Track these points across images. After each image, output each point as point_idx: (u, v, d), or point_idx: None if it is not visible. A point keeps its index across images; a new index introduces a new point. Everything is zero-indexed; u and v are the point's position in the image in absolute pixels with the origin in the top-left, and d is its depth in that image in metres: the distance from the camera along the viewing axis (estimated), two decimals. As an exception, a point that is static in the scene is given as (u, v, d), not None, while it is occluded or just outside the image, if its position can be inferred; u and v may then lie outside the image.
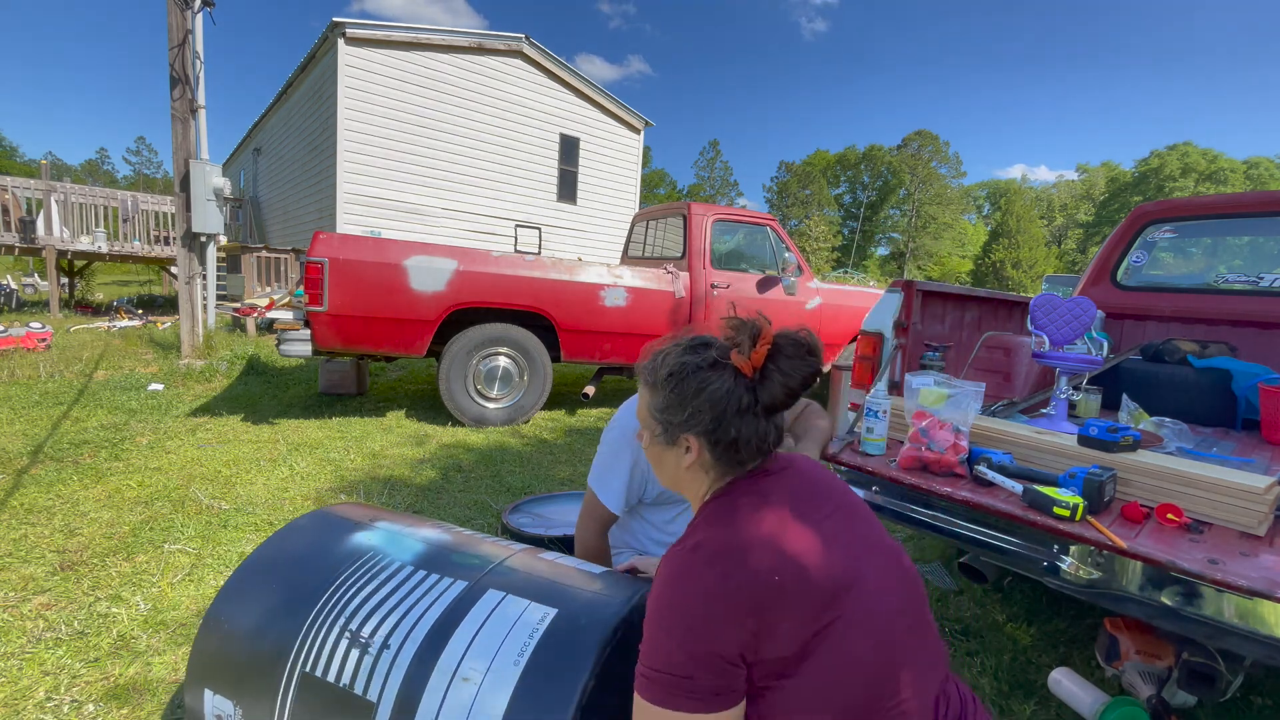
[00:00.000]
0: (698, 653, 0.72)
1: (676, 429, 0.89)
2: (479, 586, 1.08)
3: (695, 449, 0.88)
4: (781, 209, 54.82)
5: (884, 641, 0.79)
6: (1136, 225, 3.10)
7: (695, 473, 0.91)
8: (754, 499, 0.85)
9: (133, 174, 65.84)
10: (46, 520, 2.40)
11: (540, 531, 2.41)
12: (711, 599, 0.74)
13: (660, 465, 0.96)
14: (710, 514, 0.86)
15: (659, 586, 0.78)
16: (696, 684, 0.72)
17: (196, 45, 5.72)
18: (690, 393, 0.86)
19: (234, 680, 1.09)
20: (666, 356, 0.91)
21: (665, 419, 0.90)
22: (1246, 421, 2.33)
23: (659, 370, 0.91)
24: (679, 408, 0.87)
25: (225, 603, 1.16)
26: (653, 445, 0.94)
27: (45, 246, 9.16)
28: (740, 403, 0.85)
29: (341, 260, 3.65)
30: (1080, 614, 2.11)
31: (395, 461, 3.37)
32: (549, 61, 11.38)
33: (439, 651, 0.97)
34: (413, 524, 1.32)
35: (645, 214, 5.68)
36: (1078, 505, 1.30)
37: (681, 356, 0.89)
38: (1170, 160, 46.02)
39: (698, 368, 0.87)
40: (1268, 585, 1.05)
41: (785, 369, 0.85)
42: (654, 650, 0.75)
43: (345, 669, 1.00)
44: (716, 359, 0.88)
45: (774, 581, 0.75)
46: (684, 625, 0.73)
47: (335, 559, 1.18)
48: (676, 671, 0.72)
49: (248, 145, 16.60)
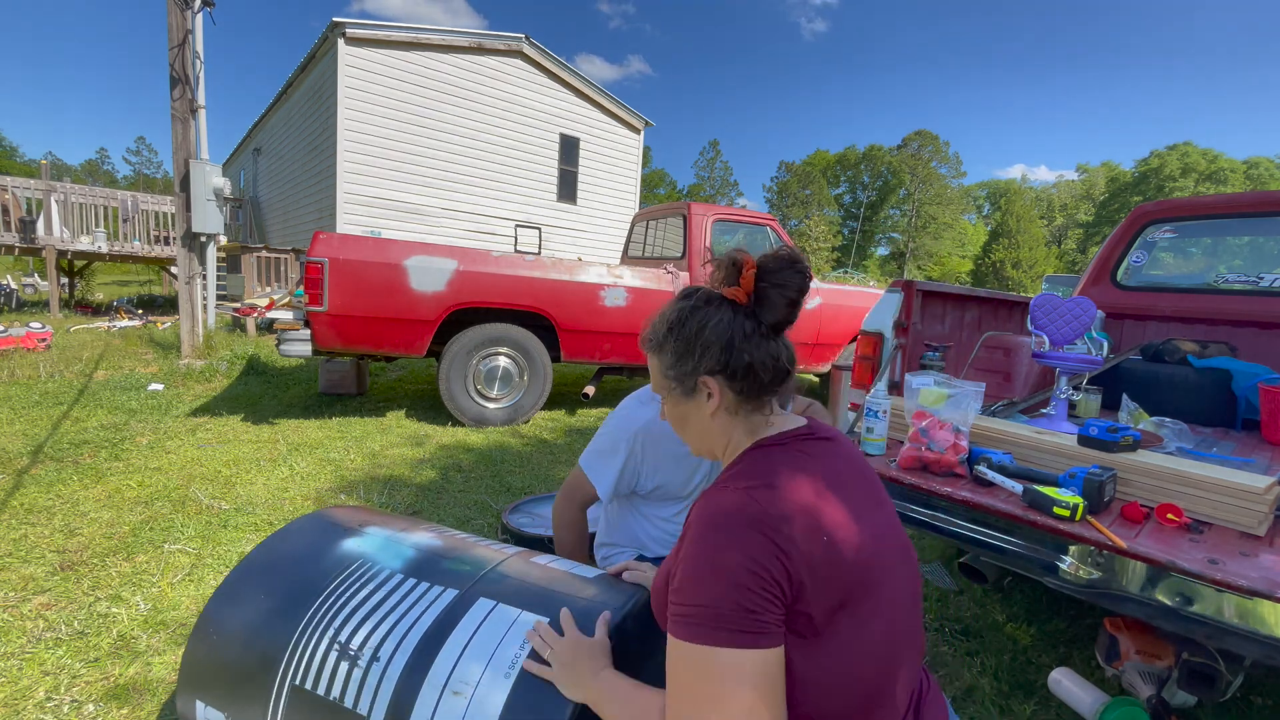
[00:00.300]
0: (752, 588, 0.71)
1: (690, 376, 0.88)
2: (470, 595, 1.06)
3: (715, 390, 0.87)
4: (781, 209, 54.82)
5: (894, 630, 0.81)
6: (1136, 225, 3.10)
7: (721, 419, 0.90)
8: (803, 459, 0.84)
9: (133, 174, 65.87)
10: (46, 520, 2.40)
11: (540, 532, 2.41)
12: (770, 540, 0.72)
13: (685, 426, 0.94)
14: (752, 466, 0.83)
15: (709, 522, 0.76)
16: (748, 619, 0.70)
17: (196, 45, 5.72)
18: (693, 333, 0.87)
19: (225, 691, 1.08)
20: (663, 313, 0.93)
21: (678, 371, 0.89)
22: (1246, 421, 2.33)
23: (659, 328, 0.91)
24: (687, 354, 0.87)
25: (215, 612, 1.15)
26: (675, 408, 0.93)
27: (45, 246, 9.16)
28: (745, 329, 0.85)
29: (341, 260, 3.65)
30: (1080, 614, 2.11)
31: (395, 461, 3.37)
32: (549, 61, 11.38)
33: (429, 663, 0.96)
34: (405, 528, 1.31)
35: (645, 214, 5.68)
36: (1078, 505, 1.30)
37: (676, 305, 0.91)
38: (1170, 160, 46.02)
39: (693, 309, 0.88)
40: (1268, 585, 1.05)
41: (778, 281, 0.85)
42: (700, 588, 0.73)
43: (335, 681, 0.99)
44: (709, 296, 0.89)
45: (822, 541, 0.75)
46: (740, 564, 0.71)
47: (325, 567, 1.16)
48: (726, 608, 0.70)
49: (248, 145, 16.60)
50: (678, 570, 0.77)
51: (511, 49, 10.91)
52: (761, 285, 0.86)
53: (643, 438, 1.56)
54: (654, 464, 1.58)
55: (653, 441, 1.57)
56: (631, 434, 1.55)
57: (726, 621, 0.70)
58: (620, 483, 1.56)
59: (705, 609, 0.71)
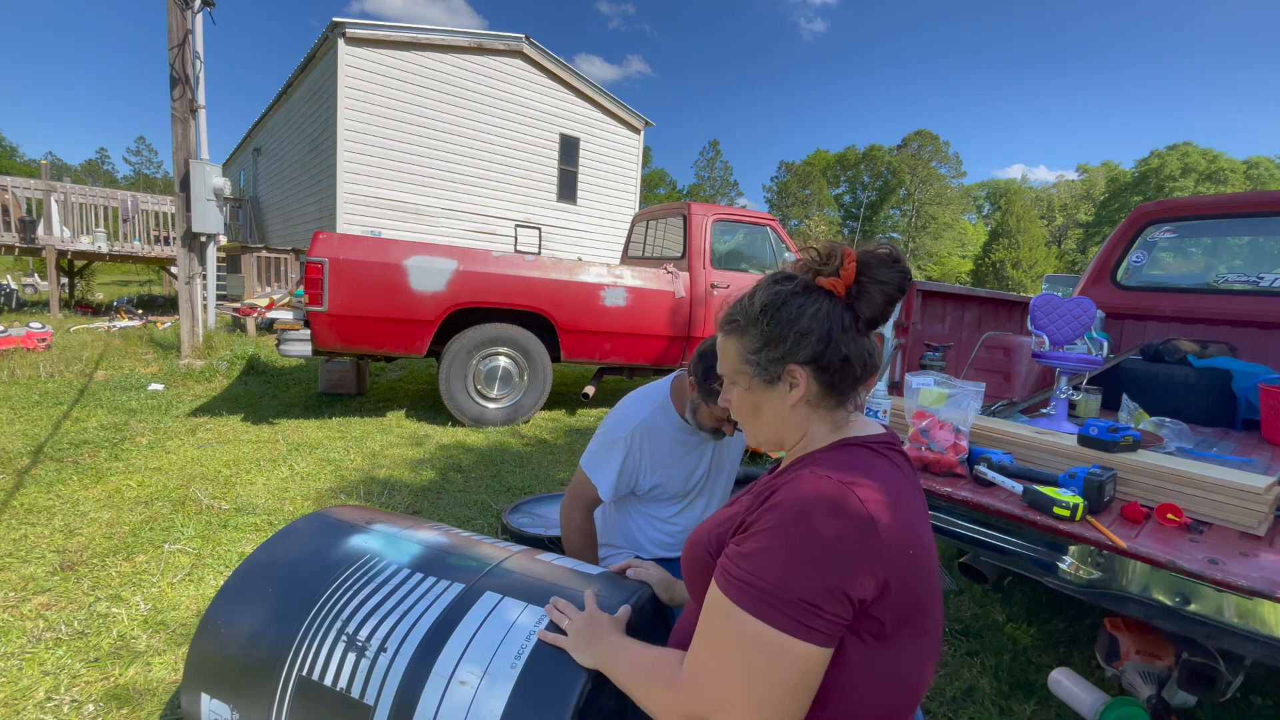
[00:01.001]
0: (832, 586, 0.68)
1: (778, 364, 0.84)
2: (476, 589, 1.08)
3: (802, 380, 0.84)
4: (781, 209, 54.82)
5: (936, 648, 0.82)
6: (1136, 225, 3.10)
7: (801, 410, 0.86)
8: (891, 467, 0.81)
9: (133, 174, 65.87)
10: (46, 520, 2.40)
11: (540, 532, 2.41)
12: (863, 537, 0.70)
13: (757, 415, 0.89)
14: (849, 460, 0.80)
15: (807, 503, 0.73)
16: (814, 614, 0.68)
17: (196, 45, 5.72)
18: (789, 319, 0.82)
19: (231, 684, 1.08)
20: (755, 294, 0.87)
21: (764, 357, 0.85)
22: (1246, 421, 2.33)
23: (751, 308, 0.86)
24: (779, 340, 0.83)
25: (221, 607, 1.16)
26: (750, 393, 0.88)
27: (45, 246, 9.16)
28: (843, 321, 0.82)
29: (341, 260, 3.65)
30: (1080, 614, 2.11)
31: (395, 462, 3.37)
32: (549, 61, 11.38)
33: (436, 654, 0.97)
34: (409, 526, 1.32)
35: (645, 214, 5.68)
36: (1078, 505, 1.30)
37: (772, 288, 0.86)
38: (1170, 160, 46.01)
39: (792, 294, 0.84)
40: (1268, 585, 1.05)
41: (880, 277, 0.82)
42: (778, 566, 0.70)
43: (342, 672, 1.00)
44: (808, 284, 0.85)
45: (909, 553, 0.73)
46: (829, 555, 0.69)
47: (331, 562, 1.17)
48: (797, 594, 0.68)
49: (248, 145, 16.60)
50: (754, 536, 0.74)
51: (511, 49, 10.91)
52: (862, 279, 0.83)
53: (641, 434, 1.56)
54: (652, 461, 1.58)
55: (651, 438, 1.58)
56: (629, 431, 1.55)
57: (793, 608, 0.68)
58: (620, 481, 1.56)
59: (777, 587, 0.69)
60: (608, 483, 1.55)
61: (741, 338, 0.87)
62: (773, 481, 0.82)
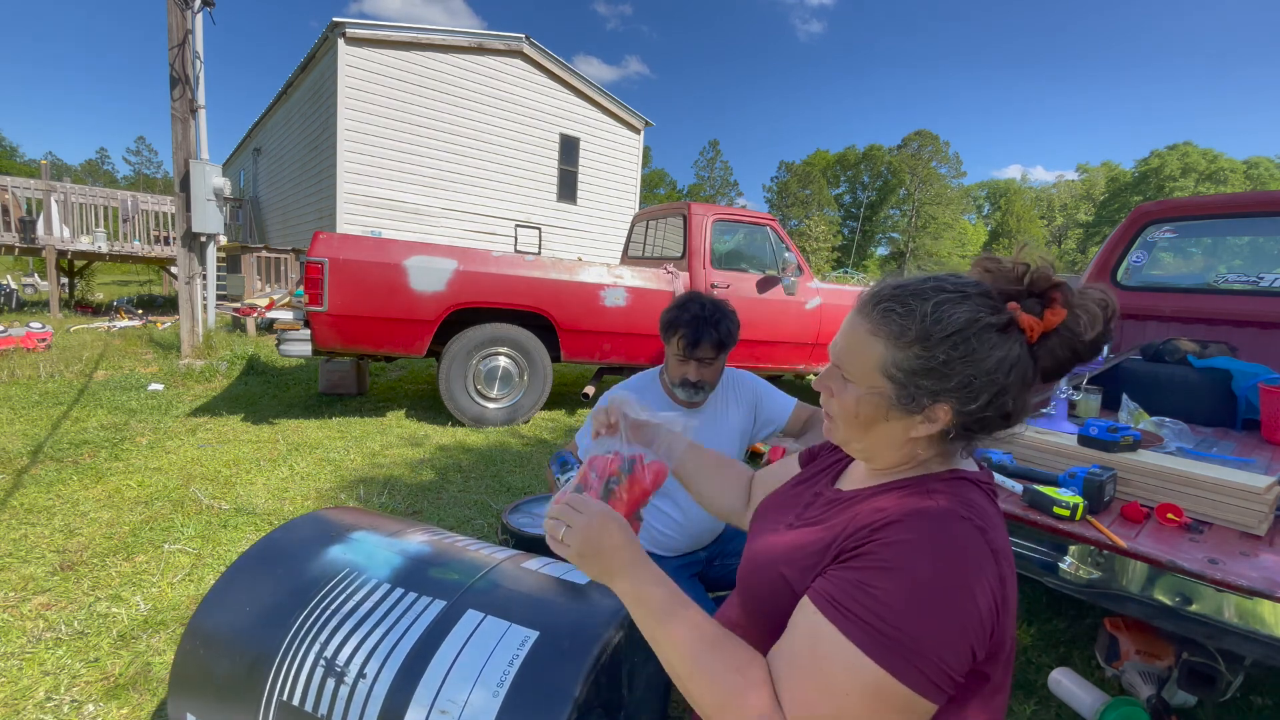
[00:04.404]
0: (970, 646, 0.60)
1: (928, 395, 0.68)
2: (458, 606, 1.05)
3: (942, 420, 0.69)
4: (781, 209, 54.83)
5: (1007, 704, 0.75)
6: (1136, 225, 3.10)
7: (918, 444, 0.73)
8: (996, 509, 0.71)
9: (133, 174, 65.86)
10: (46, 520, 2.40)
11: (540, 532, 2.41)
12: (997, 589, 0.62)
13: (866, 430, 0.73)
14: (966, 495, 0.68)
15: (937, 545, 0.62)
16: (942, 673, 0.59)
17: (196, 45, 5.72)
18: (975, 357, 0.66)
19: (214, 705, 1.07)
20: (941, 305, 0.67)
21: (916, 383, 0.68)
22: (1246, 421, 2.32)
23: (930, 327, 0.67)
24: (947, 375, 0.67)
25: (202, 622, 1.13)
26: (865, 407, 0.72)
27: (45, 246, 9.16)
28: (1025, 375, 0.68)
29: (341, 260, 3.65)
30: (1080, 614, 2.10)
31: (395, 461, 3.37)
32: (549, 61, 11.38)
33: (416, 680, 0.95)
34: (395, 532, 1.29)
35: (645, 214, 5.68)
36: (1078, 505, 1.30)
37: (967, 312, 0.67)
38: (1170, 160, 46.03)
39: (989, 327, 0.67)
40: (1268, 585, 1.05)
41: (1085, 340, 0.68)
42: (915, 619, 0.59)
43: (323, 699, 0.98)
44: (1010, 320, 0.68)
45: (1013, 603, 0.67)
46: (973, 613, 0.60)
47: (312, 576, 1.14)
48: (941, 655, 0.59)
49: (248, 145, 16.60)
50: (879, 571, 0.62)
51: (511, 49, 10.91)
52: (1064, 333, 0.68)
53: (623, 392, 1.60)
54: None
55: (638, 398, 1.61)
56: (611, 392, 1.59)
57: (930, 667, 0.58)
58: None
59: (916, 641, 0.59)
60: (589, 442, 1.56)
61: (898, 345, 0.69)
62: (875, 500, 0.71)
